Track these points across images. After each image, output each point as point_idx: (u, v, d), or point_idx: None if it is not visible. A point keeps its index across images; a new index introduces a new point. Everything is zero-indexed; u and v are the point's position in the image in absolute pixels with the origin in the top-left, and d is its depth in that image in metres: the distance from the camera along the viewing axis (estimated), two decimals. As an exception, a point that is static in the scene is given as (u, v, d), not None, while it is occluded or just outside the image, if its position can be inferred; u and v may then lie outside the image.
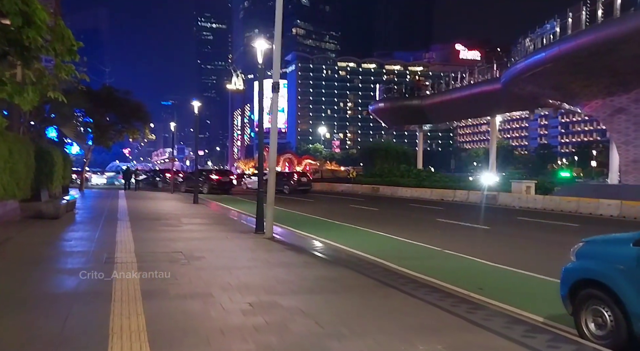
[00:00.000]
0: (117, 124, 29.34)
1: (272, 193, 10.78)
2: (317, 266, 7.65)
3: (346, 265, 7.78)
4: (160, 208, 18.59)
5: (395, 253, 9.89)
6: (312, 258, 8.41)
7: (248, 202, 25.30)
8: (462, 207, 23.23)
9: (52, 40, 7.26)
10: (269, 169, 11.00)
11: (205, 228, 12.70)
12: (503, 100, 36.20)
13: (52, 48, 7.27)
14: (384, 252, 9.85)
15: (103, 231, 11.30)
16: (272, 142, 10.86)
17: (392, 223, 15.74)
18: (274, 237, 10.74)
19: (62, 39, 7.28)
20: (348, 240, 11.42)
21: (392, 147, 48.70)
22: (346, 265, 7.72)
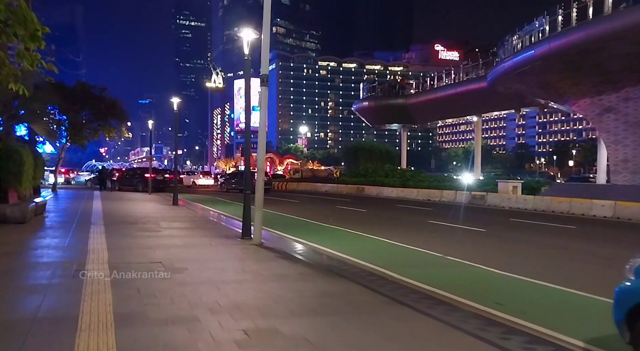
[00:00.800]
0: (93, 122, 28.03)
1: (261, 196, 9.94)
2: (316, 278, 6.86)
3: (347, 276, 7.01)
4: (137, 211, 17.53)
5: (395, 260, 9.18)
6: (307, 268, 7.61)
7: (230, 203, 24.39)
8: (451, 208, 22.71)
9: (12, 24, 6.33)
10: (257, 169, 10.16)
11: (186, 233, 11.77)
12: (489, 99, 35.99)
13: (12, 33, 6.33)
14: (383, 258, 9.12)
15: (74, 237, 10.29)
16: (260, 141, 10.04)
17: (384, 226, 15.05)
18: (262, 243, 9.91)
19: (24, 22, 6.35)
20: (342, 245, 10.67)
21: (376, 147, 48.12)
22: (347, 277, 6.94)
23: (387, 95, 48.17)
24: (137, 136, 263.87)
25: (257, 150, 10.05)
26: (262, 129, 9.87)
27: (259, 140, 9.92)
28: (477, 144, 44.38)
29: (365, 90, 54.23)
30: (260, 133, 9.92)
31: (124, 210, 17.80)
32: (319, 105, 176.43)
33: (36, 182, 23.66)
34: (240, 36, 10.66)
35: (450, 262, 9.10)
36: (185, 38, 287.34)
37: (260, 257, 8.47)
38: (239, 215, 17.19)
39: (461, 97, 39.70)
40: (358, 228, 13.67)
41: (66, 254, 8.33)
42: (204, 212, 18.54)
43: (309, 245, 10.54)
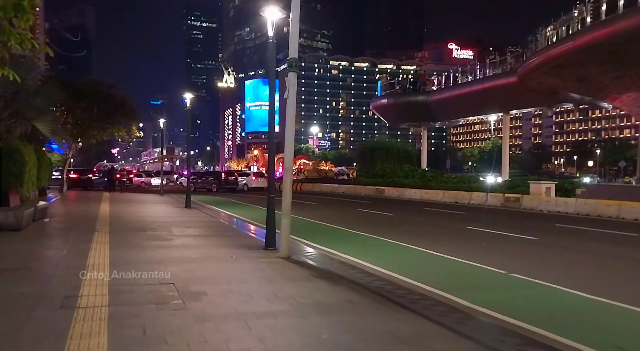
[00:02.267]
0: (101, 120, 26.78)
1: (288, 201, 8.47)
2: (370, 310, 5.36)
3: (408, 306, 5.49)
4: (147, 215, 16.17)
5: (455, 279, 7.66)
6: (354, 293, 6.10)
7: (242, 204, 23.03)
8: (485, 212, 21.07)
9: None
10: (284, 168, 8.69)
11: (202, 242, 10.33)
12: (518, 95, 34.09)
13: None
14: (439, 277, 7.62)
15: (72, 249, 8.89)
16: (288, 137, 8.56)
17: (419, 233, 13.51)
18: (290, 255, 8.43)
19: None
20: (382, 258, 9.19)
21: (394, 146, 46.39)
22: (409, 307, 5.43)
23: (407, 92, 46.33)
24: (149, 137, 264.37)
25: (285, 147, 8.59)
26: (290, 123, 8.40)
27: (287, 136, 8.46)
28: (504, 143, 42.35)
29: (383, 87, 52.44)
30: (287, 127, 8.46)
31: (132, 214, 16.45)
32: (330, 105, 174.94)
33: (41, 183, 22.50)
34: (264, 16, 9.17)
35: (520, 282, 7.53)
36: (196, 39, 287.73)
37: (292, 275, 6.98)
38: (256, 219, 15.85)
39: (488, 93, 37.74)
40: (391, 236, 12.15)
41: (59, 272, 6.91)
42: (218, 216, 17.14)
43: (344, 257, 9.06)
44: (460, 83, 42.04)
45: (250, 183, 39.62)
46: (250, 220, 15.50)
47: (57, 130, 20.88)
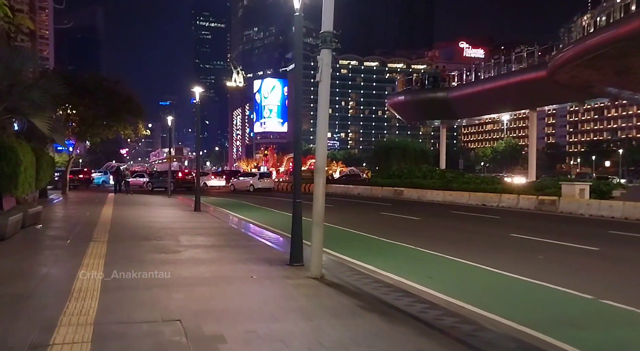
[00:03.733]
0: (106, 118, 25.41)
1: (321, 206, 6.90)
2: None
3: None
4: (153, 220, 14.69)
5: (532, 308, 6.06)
6: (423, 337, 4.51)
7: (254, 207, 21.53)
8: (520, 216, 19.45)
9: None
10: (315, 168, 7.13)
11: (214, 254, 8.78)
12: (547, 90, 32.17)
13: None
14: (511, 305, 6.05)
15: (58, 266, 7.39)
16: (319, 131, 7.00)
17: (458, 242, 11.88)
18: (323, 275, 6.87)
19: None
20: (430, 276, 7.64)
21: (410, 146, 44.61)
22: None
23: (425, 88, 44.42)
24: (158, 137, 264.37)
25: (317, 142, 7.02)
26: (322, 112, 6.83)
27: (318, 129, 6.89)
28: (531, 142, 40.19)
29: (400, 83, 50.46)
30: (320, 119, 6.89)
31: (137, 218, 14.98)
32: (339, 104, 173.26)
33: (41, 184, 21.12)
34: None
35: (621, 314, 5.90)
36: (204, 39, 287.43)
37: (333, 307, 5.41)
38: (272, 224, 14.27)
39: (513, 89, 35.73)
40: (429, 245, 10.56)
41: (33, 301, 5.37)
42: (230, 220, 15.64)
43: (386, 276, 7.48)
44: (483, 78, 40.04)
45: (256, 184, 38.43)
46: (265, 225, 13.97)
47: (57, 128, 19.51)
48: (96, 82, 24.87)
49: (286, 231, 12.76)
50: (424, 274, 7.88)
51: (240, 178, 42.93)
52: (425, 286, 6.88)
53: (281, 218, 17.01)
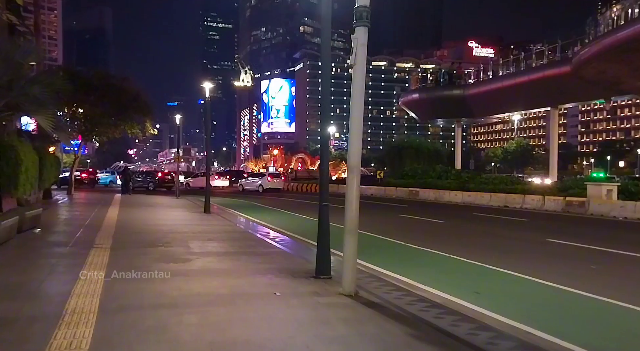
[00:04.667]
0: (112, 116, 24.59)
1: (355, 211, 5.92)
2: None
3: None
4: (161, 222, 13.78)
5: (622, 338, 5.01)
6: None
7: (265, 208, 20.62)
8: (549, 219, 18.35)
9: None
10: (348, 168, 6.13)
11: (230, 264, 7.82)
12: (570, 86, 30.85)
13: None
14: (596, 333, 5.01)
15: (52, 279, 6.45)
16: (353, 124, 6.02)
17: (493, 248, 10.86)
18: (357, 292, 5.88)
19: None
20: (477, 291, 6.64)
21: (423, 145, 43.50)
22: None
23: (441, 86, 43.14)
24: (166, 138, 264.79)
25: (349, 138, 6.04)
26: (357, 102, 5.85)
27: (352, 121, 5.91)
28: (552, 141, 38.71)
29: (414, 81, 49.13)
30: (353, 112, 5.90)
31: (144, 221, 14.08)
32: (347, 104, 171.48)
33: (45, 185, 20.33)
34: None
35: None
36: (212, 40, 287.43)
37: (381, 338, 4.41)
38: (288, 228, 13.29)
39: (535, 85, 34.36)
40: (465, 253, 9.55)
41: (11, 334, 4.41)
42: (242, 223, 14.71)
43: (429, 292, 6.48)
44: (502, 75, 38.64)
45: (265, 184, 37.64)
46: (281, 229, 13.02)
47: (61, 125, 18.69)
48: (102, 78, 24.07)
49: (304, 236, 11.85)
50: (468, 288, 6.88)
51: (249, 178, 42.20)
52: (478, 305, 5.87)
53: (297, 221, 16.09)
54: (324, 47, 6.82)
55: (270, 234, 11.84)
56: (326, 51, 6.88)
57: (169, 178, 39.05)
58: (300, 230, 12.77)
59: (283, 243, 10.43)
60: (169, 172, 43.14)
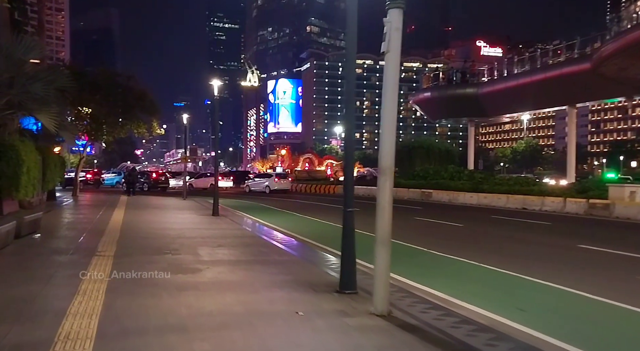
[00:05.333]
0: (118, 115, 24.02)
1: (388, 220, 5.22)
2: None
3: None
4: (168, 226, 13.14)
5: None
6: None
7: (279, 211, 19.95)
8: (572, 222, 17.55)
9: None
10: (380, 168, 5.40)
11: (243, 275, 7.12)
12: (590, 84, 29.86)
13: None
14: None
15: (47, 295, 5.77)
16: (385, 118, 5.31)
17: (524, 255, 10.12)
18: (391, 311, 5.17)
19: None
20: (520, 307, 5.91)
21: (434, 145, 42.60)
22: None
23: (453, 84, 42.20)
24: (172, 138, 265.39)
25: (381, 135, 5.33)
26: (390, 93, 5.15)
27: (384, 114, 5.21)
28: (570, 141, 37.65)
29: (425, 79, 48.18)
30: (387, 101, 5.19)
31: (150, 224, 13.44)
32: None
33: (49, 186, 19.75)
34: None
35: None
36: (219, 40, 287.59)
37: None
38: (300, 232, 12.62)
39: (552, 83, 33.36)
40: (492, 261, 8.85)
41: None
42: (252, 227, 14.05)
43: (471, 310, 5.75)
44: (517, 73, 37.61)
45: (272, 185, 37.08)
46: (293, 233, 12.36)
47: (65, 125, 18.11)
48: (108, 77, 23.49)
49: (319, 241, 11.16)
50: (510, 304, 6.17)
51: (256, 179, 41.65)
52: (528, 326, 5.15)
53: (309, 224, 15.43)
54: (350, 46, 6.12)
55: (283, 239, 11.15)
56: (352, 49, 6.17)
57: (163, 178, 39.00)
58: (314, 235, 12.12)
59: (298, 249, 9.75)
60: (163, 172, 43.32)
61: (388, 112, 5.26)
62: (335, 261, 8.24)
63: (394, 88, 5.23)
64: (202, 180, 41.57)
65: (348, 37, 6.19)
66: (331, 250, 9.84)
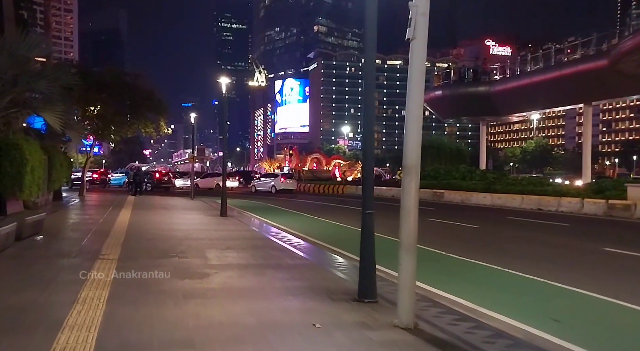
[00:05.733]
0: (125, 115, 23.73)
1: (413, 224, 4.77)
2: None
3: None
4: (174, 227, 12.75)
5: None
6: None
7: (287, 211, 19.54)
8: (592, 223, 16.96)
9: None
10: (405, 167, 4.94)
11: (254, 281, 6.67)
12: (608, 81, 29.09)
13: None
14: None
15: (43, 304, 5.37)
16: (411, 115, 4.86)
17: (548, 260, 9.61)
18: (417, 323, 4.71)
19: None
20: (556, 319, 5.42)
21: (445, 145, 42.05)
22: None
23: (465, 82, 41.54)
24: (180, 138, 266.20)
25: (406, 131, 4.88)
26: (416, 83, 4.69)
27: (410, 109, 4.76)
28: (585, 141, 36.76)
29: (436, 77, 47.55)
30: (412, 92, 4.73)
31: (157, 225, 13.06)
32: (361, 104, 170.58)
33: (55, 186, 19.51)
34: None
35: None
36: (226, 40, 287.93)
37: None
38: (311, 233, 12.19)
39: (567, 81, 32.60)
40: (515, 265, 8.37)
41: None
42: (261, 228, 13.63)
43: (503, 322, 5.28)
44: (531, 70, 36.82)
45: (278, 185, 36.75)
46: (304, 235, 11.96)
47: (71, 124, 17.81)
48: (115, 75, 23.20)
49: (330, 242, 10.71)
50: (543, 314, 5.69)
51: (262, 179, 41.38)
52: (567, 340, 4.67)
53: (319, 225, 14.99)
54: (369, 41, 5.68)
55: (293, 241, 10.71)
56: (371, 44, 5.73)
57: (166, 178, 38.57)
58: (325, 237, 11.70)
59: (309, 252, 9.30)
60: (167, 172, 43.06)
61: (414, 104, 4.81)
62: (349, 265, 7.81)
63: (420, 79, 4.78)
64: (208, 180, 41.26)
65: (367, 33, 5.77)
66: (345, 253, 9.42)
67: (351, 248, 9.94)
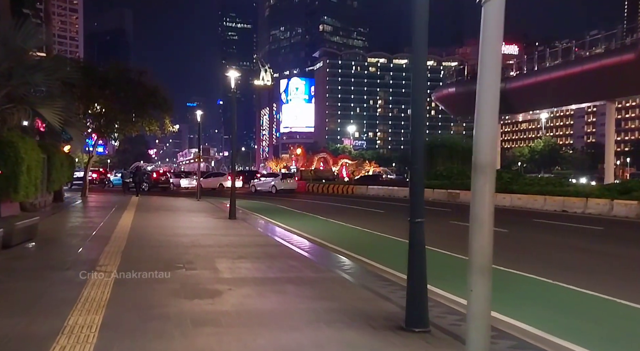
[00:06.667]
0: (129, 112, 22.78)
1: (488, 239, 3.72)
2: None
3: None
4: (180, 232, 11.75)
5: None
6: None
7: (296, 213, 18.53)
8: (628, 226, 15.87)
9: None
10: (475, 166, 3.87)
11: (275, 302, 5.64)
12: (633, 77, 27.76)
13: None
14: None
15: (20, 337, 4.36)
16: (484, 105, 3.80)
17: (595, 270, 8.61)
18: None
19: None
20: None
21: (457, 143, 40.80)
22: None
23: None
24: (185, 138, 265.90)
25: (476, 123, 3.86)
26: (491, 56, 3.68)
27: (483, 96, 3.75)
28: (608, 139, 35.53)
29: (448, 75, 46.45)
30: (486, 69, 3.72)
31: (161, 229, 12.07)
32: (367, 103, 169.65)
33: (55, 186, 18.59)
34: None
35: None
36: (231, 40, 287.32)
37: None
38: (329, 238, 11.12)
39: (589, 76, 31.34)
40: (561, 277, 7.41)
41: None
42: (273, 232, 12.60)
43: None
44: (549, 66, 35.56)
45: (279, 185, 35.83)
46: (321, 240, 10.95)
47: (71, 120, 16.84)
48: (118, 72, 22.25)
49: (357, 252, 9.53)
50: (625, 342, 4.63)
51: (262, 179, 40.43)
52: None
53: (337, 229, 13.94)
54: (419, 35, 4.65)
55: (311, 248, 9.68)
56: (421, 38, 4.69)
57: (163, 178, 38.09)
58: (346, 243, 10.67)
59: (332, 262, 8.27)
60: (165, 172, 42.28)
61: (489, 85, 3.75)
62: (383, 279, 6.78)
63: (497, 49, 3.72)
64: (211, 180, 40.29)
65: (416, 30, 4.74)
66: (374, 263, 8.39)
67: (379, 257, 8.92)
